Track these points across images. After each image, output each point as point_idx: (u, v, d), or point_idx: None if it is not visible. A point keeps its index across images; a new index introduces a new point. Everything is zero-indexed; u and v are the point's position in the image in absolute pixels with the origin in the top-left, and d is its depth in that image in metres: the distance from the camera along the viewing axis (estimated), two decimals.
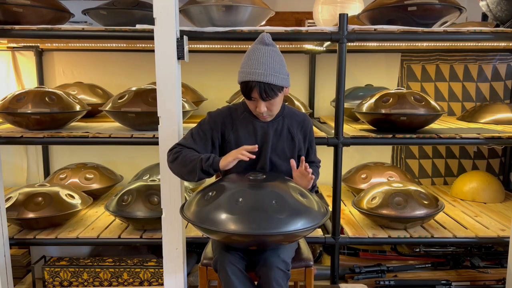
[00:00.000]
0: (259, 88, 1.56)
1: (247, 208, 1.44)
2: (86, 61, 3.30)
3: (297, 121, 1.78)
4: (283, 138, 1.74)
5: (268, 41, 1.62)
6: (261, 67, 1.56)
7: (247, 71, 1.58)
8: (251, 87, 1.57)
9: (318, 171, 1.88)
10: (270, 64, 1.57)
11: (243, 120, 1.73)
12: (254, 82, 1.56)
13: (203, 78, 3.30)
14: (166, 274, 2.15)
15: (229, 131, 1.72)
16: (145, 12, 2.48)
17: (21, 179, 3.36)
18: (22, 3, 2.24)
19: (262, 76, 1.55)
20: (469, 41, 2.74)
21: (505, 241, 2.37)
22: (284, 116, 1.76)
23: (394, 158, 3.44)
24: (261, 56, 1.58)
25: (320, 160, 1.93)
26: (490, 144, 2.50)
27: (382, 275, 2.60)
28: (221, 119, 1.72)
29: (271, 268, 1.50)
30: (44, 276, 2.51)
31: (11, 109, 2.30)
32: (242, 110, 1.74)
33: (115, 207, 2.43)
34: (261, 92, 1.57)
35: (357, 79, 3.32)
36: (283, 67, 1.62)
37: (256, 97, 1.59)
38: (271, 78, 1.56)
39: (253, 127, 1.72)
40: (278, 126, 1.74)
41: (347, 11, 2.87)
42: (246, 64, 1.59)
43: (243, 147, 1.60)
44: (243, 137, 1.71)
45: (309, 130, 1.81)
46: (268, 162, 1.73)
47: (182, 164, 1.63)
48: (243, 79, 1.59)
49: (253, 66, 1.57)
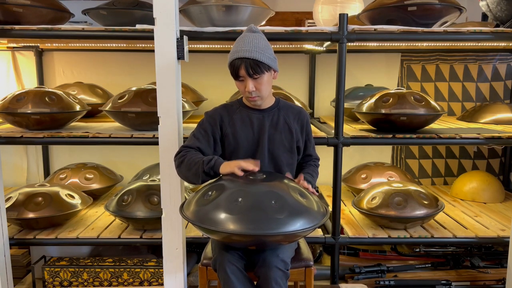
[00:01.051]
0: (245, 64, 1.61)
1: (247, 208, 1.44)
2: (86, 61, 3.30)
3: (293, 113, 1.80)
4: (279, 129, 1.76)
5: (255, 29, 1.71)
6: (247, 45, 1.62)
7: (234, 51, 1.64)
8: (238, 65, 1.62)
9: (317, 171, 1.88)
10: (256, 44, 1.63)
11: (239, 113, 1.76)
12: (240, 59, 1.61)
13: (203, 78, 3.30)
14: (166, 274, 2.15)
15: (226, 125, 1.75)
16: (145, 12, 2.48)
17: (21, 179, 3.36)
18: (22, 3, 2.24)
19: (247, 52, 1.60)
20: (469, 41, 2.74)
21: (505, 241, 2.37)
22: (280, 108, 1.79)
23: (394, 158, 3.44)
24: (247, 38, 1.65)
25: (319, 157, 1.92)
26: (490, 144, 2.50)
27: (382, 275, 2.60)
28: (218, 115, 1.76)
29: (270, 268, 1.49)
30: (44, 276, 2.51)
31: (11, 109, 2.30)
32: (237, 106, 1.79)
33: (115, 207, 2.43)
34: (247, 68, 1.61)
35: (357, 79, 3.32)
36: (269, 49, 1.67)
37: (243, 74, 1.63)
38: (256, 55, 1.61)
39: (249, 119, 1.75)
40: (274, 117, 1.76)
41: (347, 11, 2.87)
42: (234, 47, 1.65)
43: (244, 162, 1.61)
44: (240, 129, 1.74)
45: (305, 121, 1.82)
46: (266, 153, 1.74)
47: (187, 168, 1.66)
48: (230, 60, 1.64)
49: (239, 46, 1.63)
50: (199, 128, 1.76)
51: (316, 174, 1.85)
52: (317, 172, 1.88)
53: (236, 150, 1.73)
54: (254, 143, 1.74)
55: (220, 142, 1.76)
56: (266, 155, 1.74)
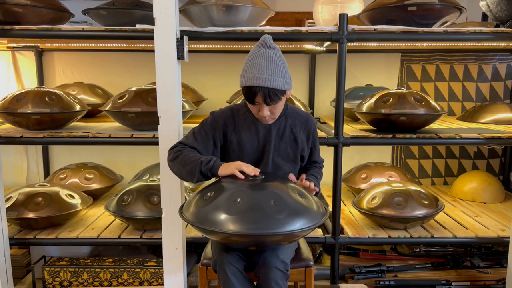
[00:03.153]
0: (263, 93, 1.56)
1: (246, 208, 1.44)
2: (86, 61, 3.30)
3: (300, 121, 1.77)
4: (285, 139, 1.73)
5: (270, 44, 1.61)
6: (265, 72, 1.55)
7: (250, 75, 1.56)
8: (255, 92, 1.56)
9: (321, 172, 1.87)
10: (274, 68, 1.56)
11: (245, 120, 1.72)
12: (258, 87, 1.55)
13: (203, 78, 3.30)
14: (166, 274, 2.15)
15: (231, 132, 1.72)
16: (145, 12, 2.49)
17: (21, 179, 3.36)
18: (22, 3, 2.25)
19: (266, 81, 1.54)
20: (469, 41, 2.74)
21: (505, 241, 2.37)
22: (287, 116, 1.75)
23: (394, 158, 3.44)
24: (264, 60, 1.57)
25: (323, 159, 1.91)
26: (490, 144, 2.50)
27: (382, 275, 2.60)
28: (223, 120, 1.72)
29: (270, 269, 1.50)
30: (44, 276, 2.51)
31: (11, 109, 2.30)
32: (244, 111, 1.74)
33: (115, 207, 2.43)
34: (265, 97, 1.57)
35: (357, 79, 3.32)
36: (285, 70, 1.61)
37: (260, 101, 1.59)
38: (275, 83, 1.56)
39: (255, 127, 1.72)
40: (281, 127, 1.73)
41: (347, 11, 2.87)
42: (249, 69, 1.58)
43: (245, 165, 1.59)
44: (245, 138, 1.71)
45: (312, 129, 1.79)
46: (270, 162, 1.72)
47: (182, 164, 1.63)
48: (246, 84, 1.58)
49: (256, 71, 1.55)
50: (201, 128, 1.73)
51: (320, 175, 1.84)
52: (321, 174, 1.86)
53: (240, 158, 1.70)
54: (259, 151, 1.71)
55: (221, 148, 1.73)
56: (269, 164, 1.72)
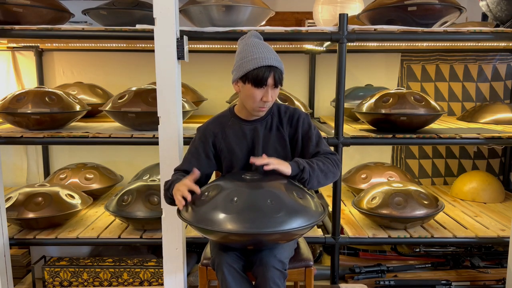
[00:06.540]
0: (275, 73, 1.55)
1: (243, 207, 1.44)
2: (86, 61, 3.30)
3: (286, 117, 1.72)
4: (273, 137, 1.71)
5: (261, 36, 1.66)
6: (272, 54, 1.56)
7: (261, 56, 1.53)
8: (268, 73, 1.54)
9: (324, 160, 1.63)
10: (276, 54, 1.59)
11: (232, 126, 1.72)
12: (273, 66, 1.55)
13: (203, 78, 3.30)
14: (166, 274, 2.15)
15: (220, 140, 1.71)
16: (145, 12, 2.49)
17: (21, 179, 3.36)
18: (22, 3, 2.25)
19: (276, 62, 1.56)
20: (469, 41, 2.74)
21: (505, 241, 2.37)
22: (273, 114, 1.73)
23: (394, 158, 3.44)
24: (266, 45, 1.58)
25: (330, 149, 1.71)
26: (490, 144, 2.50)
27: (382, 275, 2.60)
28: (210, 131, 1.72)
29: (268, 268, 1.49)
30: (44, 276, 2.51)
31: (11, 109, 2.30)
32: (229, 117, 1.74)
33: (115, 207, 2.43)
34: (277, 78, 1.56)
35: (357, 79, 3.32)
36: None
37: (271, 83, 1.57)
38: (282, 66, 1.58)
39: (241, 131, 1.70)
40: (267, 125, 1.71)
41: (347, 11, 2.87)
42: (255, 52, 1.55)
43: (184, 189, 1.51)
44: (234, 143, 1.70)
45: (300, 124, 1.70)
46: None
47: (164, 194, 1.66)
48: (258, 65, 1.53)
49: (263, 53, 1.54)
50: (191, 146, 1.74)
51: (316, 163, 1.60)
52: (325, 161, 1.63)
53: (232, 163, 1.70)
54: (249, 153, 1.70)
55: (215, 157, 1.73)
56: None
